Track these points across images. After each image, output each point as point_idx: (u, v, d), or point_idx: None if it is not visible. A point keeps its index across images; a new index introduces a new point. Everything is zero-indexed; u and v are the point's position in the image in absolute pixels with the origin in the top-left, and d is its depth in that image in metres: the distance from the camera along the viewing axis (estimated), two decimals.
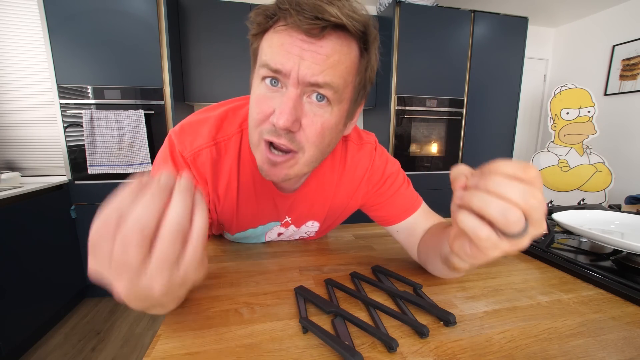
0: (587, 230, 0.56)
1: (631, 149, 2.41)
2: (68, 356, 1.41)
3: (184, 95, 2.04)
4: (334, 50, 0.34)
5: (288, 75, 0.34)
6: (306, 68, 0.34)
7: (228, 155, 0.47)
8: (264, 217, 0.57)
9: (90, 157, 1.69)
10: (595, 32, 2.64)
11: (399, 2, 2.03)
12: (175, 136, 0.46)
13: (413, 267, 0.56)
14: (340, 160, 0.55)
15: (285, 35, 0.34)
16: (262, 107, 0.37)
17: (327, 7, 0.32)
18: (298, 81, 0.35)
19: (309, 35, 0.33)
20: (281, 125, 0.35)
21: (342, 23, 0.33)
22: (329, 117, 0.38)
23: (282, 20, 0.34)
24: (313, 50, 0.34)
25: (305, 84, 0.35)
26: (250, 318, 0.40)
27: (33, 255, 1.48)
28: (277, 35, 0.34)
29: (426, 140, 2.25)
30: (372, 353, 0.34)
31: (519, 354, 0.34)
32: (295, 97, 0.35)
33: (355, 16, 0.34)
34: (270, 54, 0.35)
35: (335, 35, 0.34)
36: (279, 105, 0.36)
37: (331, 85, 0.35)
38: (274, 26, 0.35)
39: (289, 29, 0.34)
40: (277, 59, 0.34)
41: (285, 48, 0.34)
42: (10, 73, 1.82)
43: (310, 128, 0.37)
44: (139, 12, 1.67)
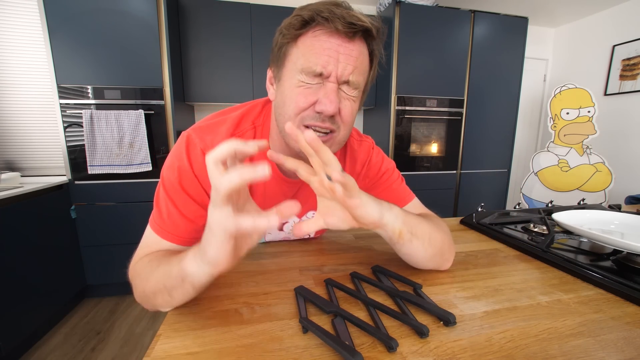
0: (587, 230, 0.56)
1: (631, 149, 2.41)
2: (68, 356, 1.41)
3: (184, 95, 2.04)
4: (359, 52, 0.43)
5: (329, 75, 0.42)
6: (342, 69, 0.42)
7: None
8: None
9: (90, 157, 1.69)
10: (595, 32, 2.64)
11: (399, 2, 2.03)
12: (196, 134, 0.49)
13: (413, 267, 0.56)
14: (342, 152, 0.59)
15: (325, 41, 0.41)
16: (306, 98, 0.43)
17: (359, 15, 0.41)
18: (336, 78, 0.42)
19: (345, 38, 0.41)
20: (331, 112, 0.42)
21: (370, 28, 0.42)
22: (354, 103, 0.46)
23: (320, 26, 0.41)
24: (347, 53, 0.41)
25: (341, 81, 0.43)
26: (250, 318, 0.40)
27: (33, 255, 1.48)
28: (317, 40, 0.41)
29: (426, 140, 2.25)
30: (372, 353, 0.34)
31: (519, 354, 0.34)
32: (336, 89, 0.43)
33: (374, 23, 0.43)
34: (313, 59, 0.41)
35: (359, 39, 0.43)
36: (323, 96, 0.42)
37: (357, 82, 0.44)
38: (311, 31, 0.42)
39: (328, 33, 0.41)
40: (319, 62, 0.41)
41: (327, 52, 0.41)
42: (10, 73, 1.82)
43: (344, 111, 0.45)
44: (139, 12, 1.66)
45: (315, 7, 0.41)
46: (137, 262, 0.46)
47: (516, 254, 0.64)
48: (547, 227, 0.72)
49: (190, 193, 0.48)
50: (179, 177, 0.47)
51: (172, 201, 0.47)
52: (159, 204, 0.48)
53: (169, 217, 0.47)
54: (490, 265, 0.57)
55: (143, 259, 0.46)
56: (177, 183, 0.47)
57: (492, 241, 0.71)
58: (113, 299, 1.89)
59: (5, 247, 1.32)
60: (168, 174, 0.48)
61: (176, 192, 0.47)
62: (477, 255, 0.63)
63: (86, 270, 1.83)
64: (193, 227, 0.48)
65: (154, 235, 0.48)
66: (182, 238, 0.48)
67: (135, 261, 0.47)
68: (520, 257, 0.62)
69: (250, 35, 2.06)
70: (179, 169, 0.48)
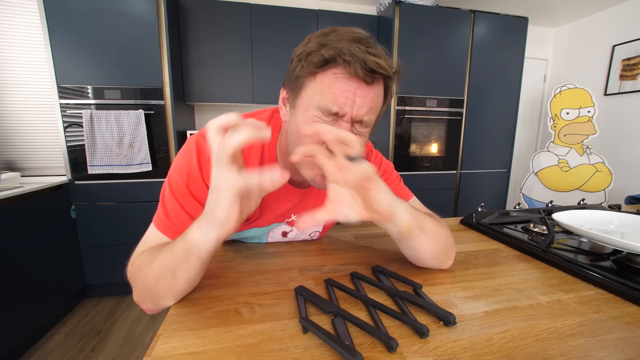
0: (587, 230, 0.56)
1: (631, 149, 2.41)
2: (68, 356, 1.41)
3: (184, 95, 2.04)
4: (376, 94, 0.43)
5: (344, 115, 0.42)
6: (357, 110, 0.42)
7: (252, 157, 0.53)
8: (271, 216, 0.59)
9: (90, 157, 1.69)
10: (595, 32, 2.64)
11: (399, 2, 2.03)
12: (205, 142, 0.49)
13: (413, 267, 0.56)
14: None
15: (344, 82, 0.41)
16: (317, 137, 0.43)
17: (379, 60, 0.40)
18: (350, 119, 0.43)
19: (364, 83, 0.41)
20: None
21: (390, 75, 0.42)
22: (365, 138, 0.47)
23: (340, 67, 0.41)
24: (364, 96, 0.42)
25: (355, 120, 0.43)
26: (250, 318, 0.40)
27: (33, 255, 1.48)
28: (336, 81, 0.41)
29: (426, 140, 2.25)
30: (372, 353, 0.34)
31: (519, 354, 0.34)
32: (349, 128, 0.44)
33: (393, 66, 0.43)
34: (330, 98, 0.41)
35: (378, 81, 0.43)
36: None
37: (368, 122, 0.45)
38: (331, 71, 0.41)
39: (347, 76, 0.41)
40: (337, 103, 0.41)
41: (344, 95, 0.41)
42: (10, 73, 1.82)
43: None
44: (139, 12, 1.67)
45: (338, 46, 0.40)
46: (136, 258, 0.46)
47: (516, 254, 0.64)
48: (547, 227, 0.72)
49: (197, 197, 0.48)
50: (187, 181, 0.48)
51: (180, 203, 0.48)
52: (165, 205, 0.48)
53: (176, 217, 0.48)
54: (490, 265, 0.57)
55: (142, 254, 0.46)
56: (185, 187, 0.48)
57: (492, 241, 0.71)
58: (113, 299, 1.89)
59: (5, 247, 1.32)
60: (176, 177, 0.48)
61: (184, 195, 0.48)
62: (477, 255, 0.63)
63: (86, 270, 1.83)
64: None
65: (159, 233, 0.48)
66: None
67: (135, 258, 0.47)
68: (520, 257, 0.62)
69: (250, 35, 2.06)
70: (188, 173, 0.48)
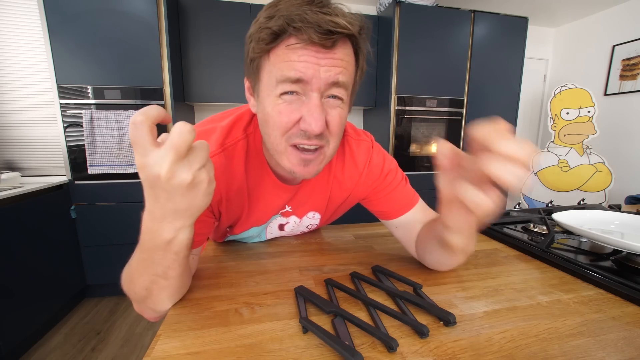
0: (587, 230, 0.56)
1: (631, 149, 2.40)
2: (68, 356, 1.41)
3: (184, 95, 2.04)
4: (344, 54, 0.38)
5: (309, 81, 0.37)
6: (326, 72, 0.37)
7: (236, 158, 0.50)
8: (269, 214, 0.58)
9: (90, 157, 1.69)
10: (595, 32, 2.64)
11: (399, 2, 2.03)
12: None
13: (413, 267, 0.56)
14: (340, 153, 0.56)
15: (301, 49, 0.36)
16: (288, 116, 0.40)
17: (335, 19, 0.35)
18: (320, 86, 0.38)
19: (324, 48, 0.36)
20: (317, 131, 0.39)
21: (352, 33, 0.37)
22: (343, 110, 0.42)
23: (293, 37, 0.36)
24: (329, 57, 0.37)
25: (327, 85, 0.38)
26: (250, 318, 0.40)
27: (33, 255, 1.48)
28: (292, 52, 0.37)
29: (426, 140, 2.25)
30: (372, 353, 0.34)
31: (519, 354, 0.34)
32: (320, 102, 0.39)
33: (356, 21, 0.38)
34: (289, 67, 0.37)
35: (342, 41, 0.38)
36: (307, 113, 0.39)
37: (345, 83, 0.40)
38: (284, 44, 0.37)
39: (304, 46, 0.36)
40: (298, 68, 0.37)
41: (304, 59, 0.36)
42: (10, 73, 1.82)
43: (332, 123, 0.41)
44: (139, 12, 1.66)
45: (286, 14, 0.35)
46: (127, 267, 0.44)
47: (516, 254, 0.64)
48: (547, 227, 0.72)
49: None
50: None
51: None
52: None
53: None
54: (490, 265, 0.57)
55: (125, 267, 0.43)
56: None
57: (492, 241, 0.71)
58: (113, 299, 1.89)
59: (6, 247, 1.32)
60: None
61: None
62: (477, 255, 0.63)
63: (86, 270, 1.83)
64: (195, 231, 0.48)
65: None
66: None
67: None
68: (520, 257, 0.62)
69: None
70: None
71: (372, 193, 0.59)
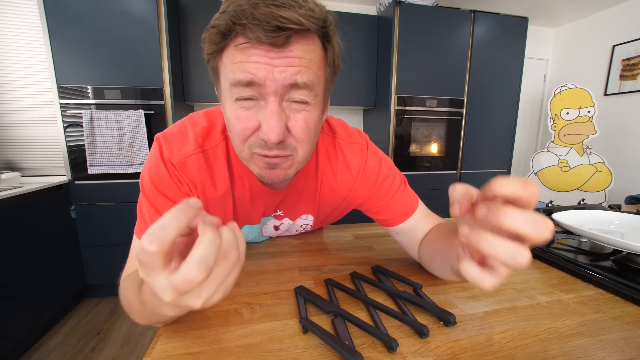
0: (587, 230, 0.56)
1: (631, 149, 2.41)
2: (68, 356, 1.41)
3: (184, 95, 2.04)
4: (303, 52, 0.34)
5: (263, 84, 0.34)
6: (280, 72, 0.33)
7: (218, 161, 0.48)
8: (258, 216, 0.58)
9: (90, 157, 1.69)
10: (595, 32, 2.64)
11: (399, 2, 2.03)
12: (164, 142, 0.46)
13: (413, 267, 0.56)
14: (332, 156, 0.54)
15: (250, 49, 0.33)
16: (247, 122, 0.37)
17: (284, 13, 0.30)
18: (276, 88, 0.34)
19: (275, 47, 0.32)
20: (273, 140, 0.35)
21: (306, 28, 0.32)
22: (310, 113, 0.38)
23: (241, 36, 0.32)
24: (284, 56, 0.33)
25: (285, 88, 0.34)
26: (250, 318, 0.40)
27: (33, 255, 1.48)
28: (241, 52, 0.33)
29: (426, 140, 2.25)
30: (372, 353, 0.34)
31: (519, 354, 0.34)
32: (278, 108, 0.35)
33: (314, 14, 0.33)
34: (239, 69, 0.33)
35: (300, 37, 0.33)
36: (264, 121, 0.35)
37: (307, 84, 0.35)
38: (233, 43, 0.33)
39: (252, 44, 0.32)
40: (248, 70, 0.33)
41: (254, 59, 0.33)
42: (10, 73, 1.82)
43: (296, 129, 0.37)
44: (139, 12, 1.66)
45: (233, 9, 0.31)
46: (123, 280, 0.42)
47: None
48: None
49: (168, 195, 0.46)
50: (155, 179, 0.45)
51: (155, 207, 0.45)
52: (142, 212, 0.46)
53: (151, 221, 0.45)
54: None
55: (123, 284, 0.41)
56: (153, 187, 0.45)
57: None
58: (113, 299, 1.89)
59: (5, 247, 1.32)
60: (146, 179, 0.46)
61: (156, 196, 0.45)
62: None
63: (86, 270, 1.83)
64: None
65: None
66: None
67: (123, 279, 0.43)
68: None
69: None
70: (157, 175, 0.45)
71: (368, 200, 0.56)
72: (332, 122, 0.57)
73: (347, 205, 0.59)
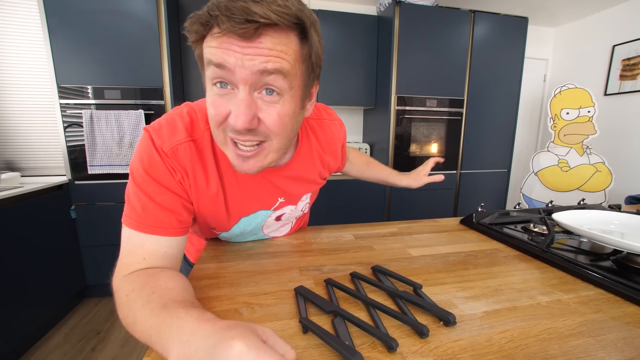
0: (587, 230, 0.56)
1: (631, 149, 2.40)
2: (68, 356, 1.41)
3: (184, 95, 2.04)
4: (274, 44, 0.35)
5: (233, 70, 0.35)
6: (249, 60, 0.35)
7: (205, 150, 0.49)
8: (253, 204, 0.57)
9: (90, 157, 1.69)
10: (595, 32, 2.64)
11: (399, 2, 2.03)
12: (153, 132, 0.46)
13: (413, 267, 0.56)
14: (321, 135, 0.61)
15: (223, 37, 0.35)
16: (219, 109, 0.39)
17: (254, 7, 0.32)
18: (245, 76, 0.36)
19: (245, 39, 0.34)
20: (239, 127, 0.37)
21: (273, 22, 0.34)
22: (283, 106, 0.39)
23: (216, 27, 0.35)
24: (254, 46, 0.35)
25: (255, 74, 0.36)
26: (250, 318, 0.40)
27: (33, 255, 1.48)
28: (215, 39, 0.36)
29: (426, 140, 2.25)
30: (372, 353, 0.34)
31: (519, 354, 0.34)
32: (247, 97, 0.37)
33: (285, 10, 0.34)
34: (213, 53, 0.36)
35: (272, 30, 0.35)
36: (233, 108, 0.37)
37: (281, 70, 0.36)
38: (210, 33, 0.36)
39: (225, 34, 0.35)
40: (219, 54, 0.35)
41: (226, 46, 0.35)
42: (10, 73, 1.82)
43: (268, 120, 0.39)
44: (139, 12, 1.67)
45: (212, 3, 0.34)
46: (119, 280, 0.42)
47: (516, 254, 0.64)
48: (547, 227, 0.72)
49: (161, 181, 0.45)
50: (147, 166, 0.44)
51: (147, 194, 0.44)
52: (131, 201, 0.45)
53: (144, 210, 0.44)
54: (490, 265, 0.57)
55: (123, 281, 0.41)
56: (145, 173, 0.44)
57: (492, 241, 0.71)
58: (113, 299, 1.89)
59: (5, 247, 1.32)
60: (138, 168, 0.45)
61: (149, 185, 0.44)
62: (477, 255, 0.63)
63: (86, 270, 1.83)
64: (175, 217, 0.46)
65: (134, 233, 0.44)
66: (165, 229, 0.45)
67: (118, 277, 0.42)
68: (520, 257, 0.62)
69: None
70: (149, 162, 0.45)
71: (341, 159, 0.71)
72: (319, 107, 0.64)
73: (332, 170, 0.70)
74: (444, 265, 0.57)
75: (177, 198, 0.47)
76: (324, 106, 0.66)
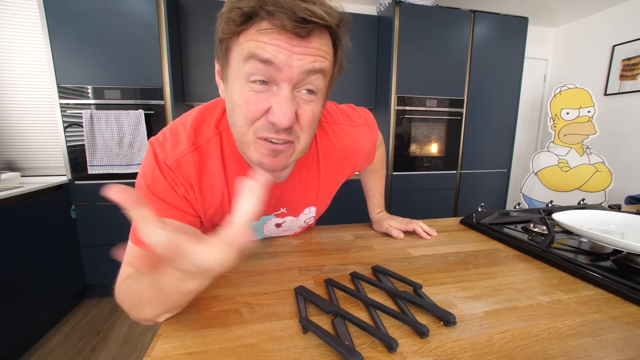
0: (587, 230, 0.56)
1: (631, 149, 2.41)
2: (68, 356, 1.41)
3: (184, 95, 2.04)
4: (320, 44, 0.36)
5: (281, 68, 0.35)
6: (298, 60, 0.35)
7: (211, 157, 0.48)
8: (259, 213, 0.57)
9: (90, 157, 1.69)
10: (595, 32, 2.64)
11: (399, 2, 2.03)
12: (157, 145, 0.46)
13: (413, 267, 0.56)
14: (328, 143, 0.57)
15: (274, 34, 0.34)
16: (255, 106, 0.37)
17: (311, 7, 0.33)
18: (292, 75, 0.36)
19: (298, 36, 0.34)
20: (285, 125, 0.37)
21: (329, 24, 0.35)
22: (316, 105, 0.40)
23: (265, 21, 0.34)
24: (303, 46, 0.35)
25: (302, 74, 0.36)
26: (250, 318, 0.40)
27: (33, 255, 1.48)
28: (263, 35, 0.34)
29: (426, 140, 2.25)
30: (372, 353, 0.34)
31: (519, 354, 0.34)
32: (291, 95, 0.37)
33: (334, 13, 0.36)
34: (260, 47, 0.34)
35: (319, 31, 0.36)
36: (276, 105, 0.37)
37: (324, 70, 0.37)
38: (256, 27, 0.35)
39: (276, 32, 0.34)
40: (268, 50, 0.34)
41: (277, 43, 0.34)
42: (10, 73, 1.82)
43: (303, 118, 0.40)
44: (139, 12, 1.66)
45: None
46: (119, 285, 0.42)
47: (516, 254, 0.64)
48: (547, 227, 0.72)
49: (163, 197, 0.45)
50: (150, 181, 0.45)
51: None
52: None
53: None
54: (490, 265, 0.57)
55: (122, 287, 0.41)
56: (150, 193, 0.45)
57: (492, 241, 0.71)
58: (113, 299, 1.89)
59: (5, 247, 1.32)
60: (142, 184, 0.45)
61: (153, 202, 0.44)
62: (477, 255, 0.63)
63: (86, 270, 1.83)
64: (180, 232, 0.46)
65: (138, 249, 0.44)
66: None
67: (119, 284, 0.43)
68: (520, 257, 0.62)
69: None
70: (152, 178, 0.45)
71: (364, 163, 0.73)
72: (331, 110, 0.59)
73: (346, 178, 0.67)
74: (444, 265, 0.57)
75: (180, 214, 0.47)
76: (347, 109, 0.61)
